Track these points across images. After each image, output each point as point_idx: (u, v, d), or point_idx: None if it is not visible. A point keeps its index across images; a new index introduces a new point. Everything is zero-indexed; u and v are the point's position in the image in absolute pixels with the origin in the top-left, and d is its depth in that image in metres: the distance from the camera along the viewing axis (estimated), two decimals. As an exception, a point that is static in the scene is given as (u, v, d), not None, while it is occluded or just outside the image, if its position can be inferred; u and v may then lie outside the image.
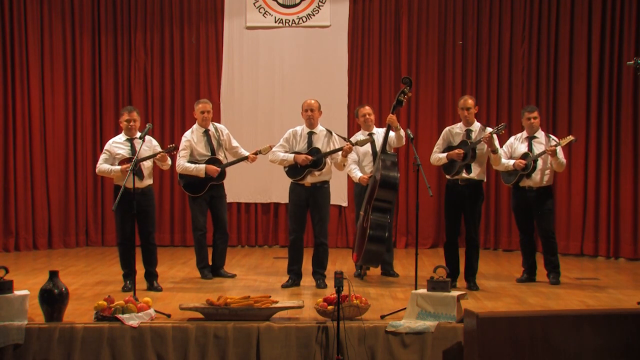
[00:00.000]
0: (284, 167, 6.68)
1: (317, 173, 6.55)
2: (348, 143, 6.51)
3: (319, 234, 6.62)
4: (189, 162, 6.96)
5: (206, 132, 7.08)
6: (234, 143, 7.20)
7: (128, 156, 6.42)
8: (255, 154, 7.03)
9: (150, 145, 6.59)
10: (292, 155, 6.57)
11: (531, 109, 6.92)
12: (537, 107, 7.73)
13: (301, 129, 6.72)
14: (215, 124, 7.24)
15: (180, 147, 6.96)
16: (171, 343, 4.97)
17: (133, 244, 6.32)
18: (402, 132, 6.67)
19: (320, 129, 6.70)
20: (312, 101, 6.71)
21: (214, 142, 7.06)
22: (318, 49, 9.51)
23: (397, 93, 6.43)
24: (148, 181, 6.55)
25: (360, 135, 7.15)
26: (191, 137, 7.07)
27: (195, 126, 7.13)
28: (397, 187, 6.35)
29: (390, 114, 6.43)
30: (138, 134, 6.51)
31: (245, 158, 7.06)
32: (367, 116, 7.15)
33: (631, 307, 5.62)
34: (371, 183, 6.43)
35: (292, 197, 6.65)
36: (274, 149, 6.74)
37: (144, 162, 6.44)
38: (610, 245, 8.57)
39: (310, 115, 6.63)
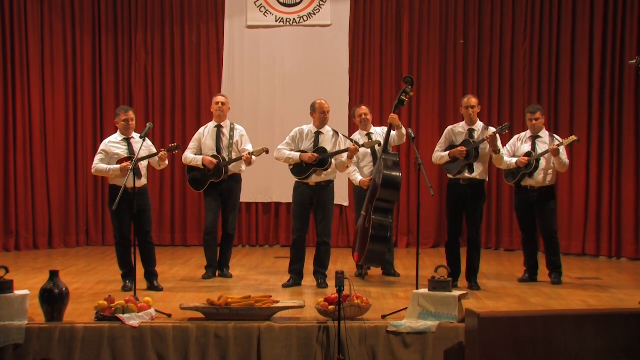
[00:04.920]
0: (289, 166, 6.65)
1: (322, 173, 6.53)
2: (354, 144, 6.48)
3: (322, 233, 6.59)
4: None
5: (218, 128, 7.07)
6: (246, 146, 7.04)
7: (126, 155, 6.39)
8: (250, 155, 6.88)
9: (145, 145, 6.54)
10: (298, 153, 6.53)
11: (533, 110, 6.88)
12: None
13: (308, 128, 6.67)
14: (235, 124, 7.17)
15: (192, 140, 7.12)
16: (172, 343, 4.96)
17: (131, 244, 6.30)
18: (403, 130, 6.65)
19: (327, 129, 6.66)
20: (325, 102, 6.65)
21: (224, 140, 7.02)
22: (319, 48, 9.50)
23: (398, 92, 6.42)
24: (144, 181, 6.53)
25: (358, 136, 7.11)
26: (203, 130, 7.13)
27: (212, 121, 7.16)
28: (400, 187, 6.31)
29: (392, 113, 6.41)
30: (134, 134, 6.51)
31: (240, 159, 6.94)
32: (364, 116, 7.11)
33: (633, 307, 5.60)
34: (372, 183, 6.41)
35: (296, 196, 6.63)
36: (279, 147, 6.67)
37: (142, 162, 6.41)
38: (612, 245, 8.55)
39: (327, 117, 6.60)
